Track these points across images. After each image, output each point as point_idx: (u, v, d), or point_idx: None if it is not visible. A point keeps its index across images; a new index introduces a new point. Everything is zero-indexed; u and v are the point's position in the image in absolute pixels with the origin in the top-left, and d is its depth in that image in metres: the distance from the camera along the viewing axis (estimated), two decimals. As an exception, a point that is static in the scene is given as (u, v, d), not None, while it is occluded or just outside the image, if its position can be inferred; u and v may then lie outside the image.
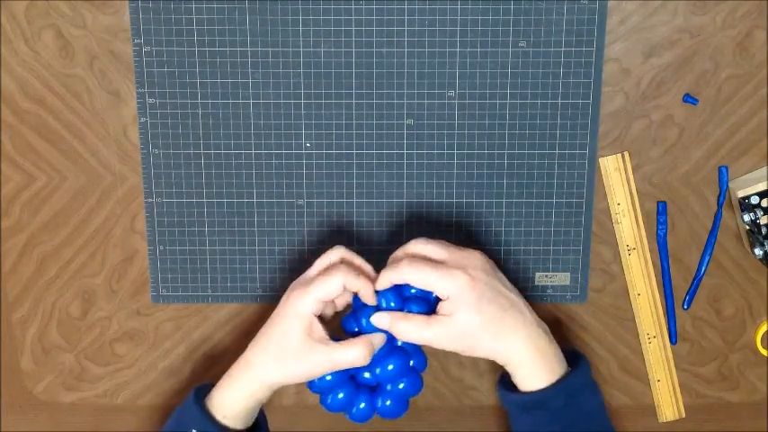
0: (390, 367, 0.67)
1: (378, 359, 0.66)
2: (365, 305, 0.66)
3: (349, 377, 0.68)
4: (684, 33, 0.73)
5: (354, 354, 0.64)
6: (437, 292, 0.64)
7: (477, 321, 0.63)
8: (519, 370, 0.65)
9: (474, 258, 0.66)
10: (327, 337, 0.65)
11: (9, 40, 0.72)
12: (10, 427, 0.81)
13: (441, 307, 0.65)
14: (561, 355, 0.66)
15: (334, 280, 0.64)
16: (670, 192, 0.76)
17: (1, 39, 0.72)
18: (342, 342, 0.65)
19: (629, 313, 0.79)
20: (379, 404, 0.68)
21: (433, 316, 0.65)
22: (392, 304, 0.66)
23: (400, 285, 0.66)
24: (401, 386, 0.68)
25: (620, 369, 0.81)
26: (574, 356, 0.67)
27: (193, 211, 0.76)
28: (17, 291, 0.78)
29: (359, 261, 0.67)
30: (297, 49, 0.73)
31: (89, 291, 0.78)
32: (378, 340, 0.66)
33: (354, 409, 0.68)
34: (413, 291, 0.66)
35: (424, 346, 0.67)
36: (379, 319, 0.65)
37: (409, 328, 0.64)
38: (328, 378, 0.67)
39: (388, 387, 0.68)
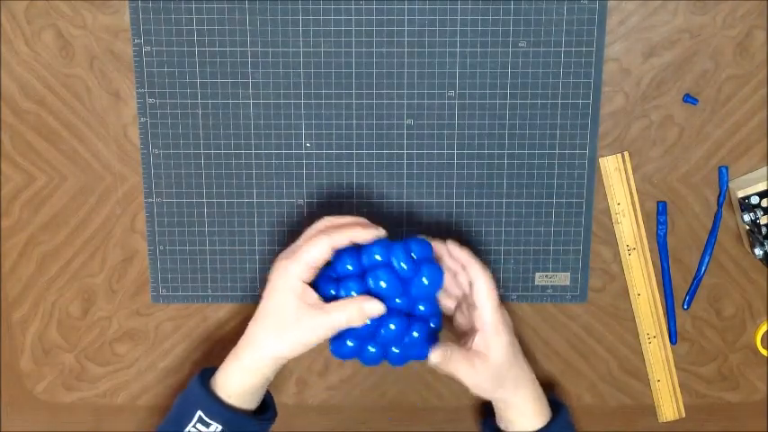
0: (392, 327, 0.66)
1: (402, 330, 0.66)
2: (350, 273, 0.66)
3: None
4: (684, 33, 0.73)
5: (350, 314, 0.64)
6: (483, 310, 0.66)
7: (510, 361, 0.67)
8: (511, 414, 0.70)
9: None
10: (321, 302, 0.65)
11: (9, 40, 0.72)
12: (10, 427, 0.81)
13: (470, 342, 0.67)
14: (546, 401, 0.71)
15: (320, 243, 0.65)
16: (670, 192, 0.76)
17: (1, 39, 0.72)
18: (335, 304, 0.65)
19: (629, 313, 0.79)
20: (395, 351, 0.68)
21: (471, 351, 0.67)
22: (403, 265, 0.65)
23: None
24: (415, 334, 0.67)
25: (620, 369, 0.81)
26: (555, 404, 0.73)
27: (193, 211, 0.76)
28: (17, 291, 0.78)
29: (345, 219, 0.67)
30: (297, 49, 0.73)
31: (89, 291, 0.78)
32: (371, 306, 0.65)
33: (365, 354, 0.68)
34: (421, 308, 0.67)
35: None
36: (441, 356, 0.66)
37: (460, 365, 0.66)
38: (349, 344, 0.67)
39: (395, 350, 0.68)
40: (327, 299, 0.66)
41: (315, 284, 0.66)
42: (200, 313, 0.79)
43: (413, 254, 0.66)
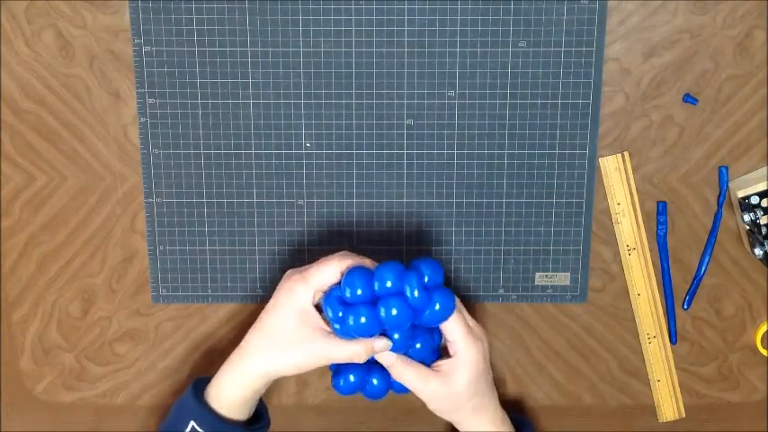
0: (418, 346, 0.67)
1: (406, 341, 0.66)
2: (360, 299, 0.64)
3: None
4: (684, 33, 0.73)
5: (353, 351, 0.64)
6: (454, 344, 0.66)
7: (471, 391, 0.67)
8: None
9: (485, 337, 0.68)
10: (326, 328, 0.64)
11: (9, 40, 0.72)
12: (10, 427, 0.81)
13: (440, 363, 0.67)
14: (509, 424, 0.71)
15: (331, 266, 0.64)
16: (670, 192, 0.76)
17: (1, 39, 0.72)
18: (341, 340, 0.64)
19: (629, 313, 0.79)
20: (393, 379, 0.68)
21: (434, 371, 0.67)
22: (416, 293, 0.63)
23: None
24: (418, 346, 0.67)
25: (620, 369, 0.81)
26: (520, 423, 0.73)
27: (193, 211, 0.76)
28: (17, 291, 0.78)
29: (365, 260, 0.66)
30: (297, 49, 0.73)
31: (89, 291, 0.78)
32: (381, 345, 0.65)
33: (368, 387, 0.68)
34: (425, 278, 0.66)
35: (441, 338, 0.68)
36: (384, 357, 0.66)
37: (409, 375, 0.66)
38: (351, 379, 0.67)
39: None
40: (332, 320, 0.65)
41: (321, 302, 0.65)
42: (200, 313, 0.79)
43: (426, 277, 0.64)
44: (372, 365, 0.68)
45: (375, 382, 0.68)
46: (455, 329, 0.65)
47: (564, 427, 0.82)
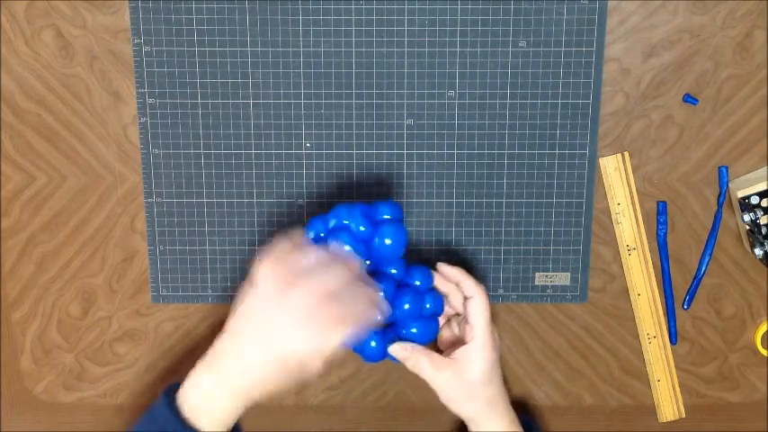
0: (407, 306, 0.67)
1: (392, 299, 0.66)
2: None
3: None
4: (684, 33, 0.73)
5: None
6: (474, 329, 0.67)
7: (486, 380, 0.67)
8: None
9: (497, 334, 0.69)
10: None
11: (9, 40, 0.72)
12: (10, 427, 0.81)
13: (455, 351, 0.67)
14: (520, 427, 0.70)
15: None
16: (670, 192, 0.76)
17: (1, 39, 0.72)
18: None
19: (629, 313, 0.79)
20: (404, 332, 0.68)
21: (448, 358, 0.67)
22: (361, 228, 0.65)
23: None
24: (413, 330, 0.68)
25: (620, 369, 0.81)
26: (527, 426, 0.72)
27: (193, 211, 0.76)
28: (17, 291, 0.78)
29: None
30: (297, 49, 0.73)
31: (89, 291, 0.78)
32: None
33: (367, 349, 0.68)
34: (393, 271, 0.67)
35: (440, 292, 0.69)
36: (399, 351, 0.66)
37: (424, 363, 0.67)
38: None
39: (402, 332, 0.68)
40: None
41: None
42: (200, 313, 0.79)
43: (384, 216, 0.66)
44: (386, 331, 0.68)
45: (373, 344, 0.67)
46: (480, 315, 0.67)
47: (564, 427, 0.82)
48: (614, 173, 0.76)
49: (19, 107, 0.74)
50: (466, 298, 0.68)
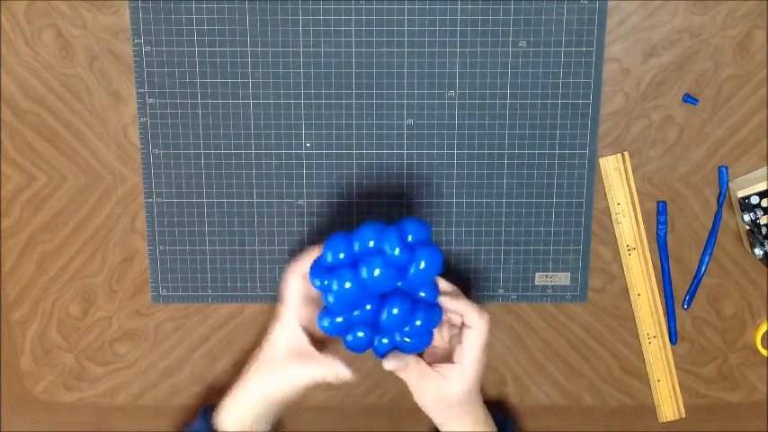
0: (395, 311, 0.62)
1: (377, 308, 0.63)
2: (342, 262, 0.62)
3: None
4: (684, 33, 0.73)
5: (338, 369, 0.66)
6: (465, 354, 0.65)
7: (462, 400, 0.67)
8: None
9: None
10: (312, 350, 0.66)
11: (9, 40, 0.72)
12: (10, 427, 0.81)
13: (442, 367, 0.66)
14: (491, 424, 0.71)
15: (289, 280, 0.67)
16: (670, 192, 0.76)
17: (1, 39, 0.72)
18: (319, 356, 0.66)
19: (629, 313, 0.79)
20: (398, 339, 0.65)
21: (433, 370, 0.66)
22: (396, 251, 0.60)
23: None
24: (418, 323, 0.64)
25: (620, 369, 0.81)
26: (503, 423, 0.73)
27: (193, 211, 0.76)
28: (17, 291, 0.78)
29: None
30: (297, 49, 0.73)
31: (89, 291, 0.78)
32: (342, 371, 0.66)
33: (377, 344, 0.65)
34: (422, 294, 0.64)
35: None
36: (395, 363, 0.65)
37: (412, 375, 0.66)
38: (339, 320, 0.63)
39: (406, 329, 0.64)
40: (320, 290, 0.63)
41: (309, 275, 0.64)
42: (200, 313, 0.79)
43: (409, 236, 0.62)
44: (374, 322, 0.65)
45: (360, 334, 0.64)
46: (474, 346, 0.65)
47: (564, 427, 0.82)
48: (614, 173, 0.76)
49: (19, 107, 0.74)
50: (465, 325, 0.66)
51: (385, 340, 0.65)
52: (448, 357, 0.67)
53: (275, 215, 0.76)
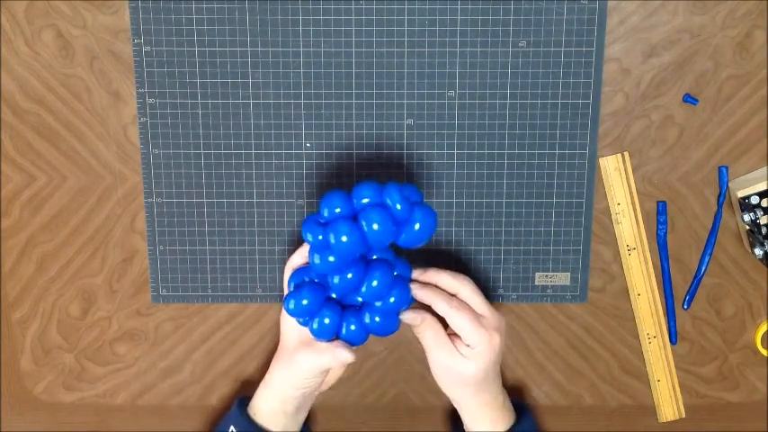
0: (375, 283, 0.63)
1: (360, 277, 0.63)
2: (339, 216, 0.61)
3: (327, 298, 0.65)
4: (684, 33, 0.73)
5: (340, 354, 0.66)
6: (466, 339, 0.66)
7: (479, 377, 0.67)
8: (467, 417, 0.71)
9: (503, 324, 0.69)
10: (314, 341, 0.68)
11: (9, 40, 0.72)
12: (10, 427, 0.81)
13: (459, 343, 0.67)
14: (510, 409, 0.72)
15: (285, 272, 0.70)
16: (670, 192, 0.76)
17: (1, 39, 0.72)
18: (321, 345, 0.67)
19: (629, 313, 0.79)
20: (368, 321, 0.65)
21: (448, 341, 0.67)
22: (398, 205, 0.60)
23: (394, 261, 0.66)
24: (392, 300, 0.64)
25: (620, 369, 0.81)
26: (521, 409, 0.74)
27: (193, 211, 0.76)
28: (17, 291, 0.78)
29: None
30: (297, 49, 0.73)
31: (89, 291, 0.78)
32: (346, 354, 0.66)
33: (345, 332, 0.65)
34: (395, 273, 0.66)
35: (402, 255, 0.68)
36: (412, 318, 0.67)
37: (429, 334, 0.67)
38: (304, 303, 0.64)
39: (378, 304, 0.64)
40: (312, 247, 0.63)
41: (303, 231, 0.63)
42: (200, 313, 0.79)
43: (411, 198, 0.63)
44: (347, 308, 0.66)
45: (353, 327, 0.65)
46: (460, 324, 0.66)
47: (564, 427, 0.82)
48: (614, 173, 0.76)
49: (19, 107, 0.74)
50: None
51: (353, 327, 0.65)
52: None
53: (275, 215, 0.76)
